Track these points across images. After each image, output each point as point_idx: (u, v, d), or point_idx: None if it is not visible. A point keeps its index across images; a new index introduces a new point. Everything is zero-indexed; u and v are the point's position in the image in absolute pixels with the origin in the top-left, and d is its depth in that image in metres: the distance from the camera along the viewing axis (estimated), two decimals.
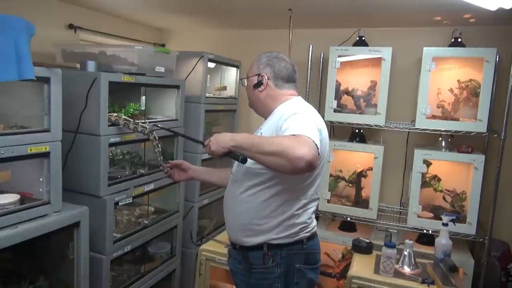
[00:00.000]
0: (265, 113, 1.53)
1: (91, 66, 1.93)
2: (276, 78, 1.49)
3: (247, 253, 1.45)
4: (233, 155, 1.30)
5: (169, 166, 1.74)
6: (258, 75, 1.49)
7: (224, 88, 2.98)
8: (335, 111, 2.62)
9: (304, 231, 1.44)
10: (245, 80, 1.56)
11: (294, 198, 1.40)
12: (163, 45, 3.49)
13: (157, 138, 1.82)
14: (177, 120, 2.37)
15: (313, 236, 1.49)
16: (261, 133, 1.45)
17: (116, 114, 1.89)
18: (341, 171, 2.72)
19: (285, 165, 1.15)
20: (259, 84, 1.49)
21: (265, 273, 1.42)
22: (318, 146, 1.20)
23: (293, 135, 1.21)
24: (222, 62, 2.83)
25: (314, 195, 1.45)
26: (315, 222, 1.52)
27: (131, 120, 1.87)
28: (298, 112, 1.34)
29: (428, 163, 2.45)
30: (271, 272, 1.41)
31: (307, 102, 1.53)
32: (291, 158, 1.13)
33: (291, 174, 1.26)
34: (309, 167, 1.15)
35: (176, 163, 1.75)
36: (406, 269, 2.01)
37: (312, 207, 1.47)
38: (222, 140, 1.29)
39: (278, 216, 1.39)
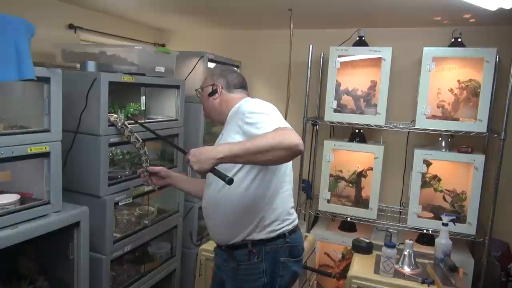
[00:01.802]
0: (220, 119, 1.60)
1: (91, 66, 1.93)
2: (229, 86, 1.59)
3: (233, 252, 1.48)
4: (217, 172, 1.27)
5: (147, 172, 1.81)
6: (213, 85, 1.59)
7: None
8: (335, 111, 2.62)
9: (285, 223, 1.48)
10: (200, 91, 1.66)
11: (267, 181, 1.43)
12: (163, 45, 3.49)
13: (147, 153, 1.87)
14: (177, 120, 2.36)
15: (295, 229, 1.53)
16: (223, 134, 1.52)
17: (116, 116, 1.88)
18: (341, 171, 2.72)
19: (285, 154, 1.25)
20: (213, 92, 1.59)
21: (251, 269, 1.45)
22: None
23: (273, 129, 1.29)
24: (222, 62, 2.82)
25: (283, 176, 1.49)
26: (295, 215, 1.56)
27: (128, 127, 1.88)
28: (257, 109, 1.39)
29: (428, 163, 2.45)
30: (257, 268, 1.45)
31: (307, 102, 1.53)
32: (290, 147, 1.23)
33: (288, 161, 1.37)
34: (302, 149, 1.26)
35: (153, 170, 1.80)
36: (406, 269, 2.01)
37: (287, 191, 1.50)
38: (205, 157, 1.25)
39: (256, 204, 1.43)
